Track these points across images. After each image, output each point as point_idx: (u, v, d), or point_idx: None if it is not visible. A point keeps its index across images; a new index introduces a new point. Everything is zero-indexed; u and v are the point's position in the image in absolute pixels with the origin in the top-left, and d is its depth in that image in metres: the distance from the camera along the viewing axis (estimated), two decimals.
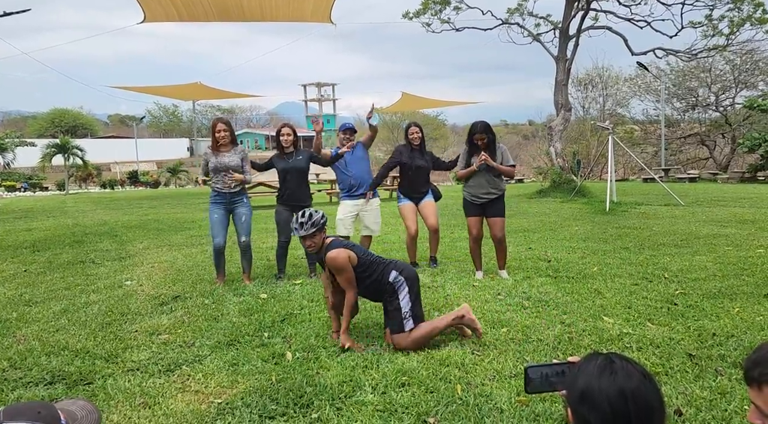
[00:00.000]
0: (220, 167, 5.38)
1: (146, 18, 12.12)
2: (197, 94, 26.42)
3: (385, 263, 3.75)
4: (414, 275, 3.75)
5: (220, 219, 5.45)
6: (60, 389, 3.11)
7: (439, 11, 18.26)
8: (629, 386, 1.17)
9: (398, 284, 3.63)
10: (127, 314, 4.60)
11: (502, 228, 5.44)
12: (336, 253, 3.59)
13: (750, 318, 3.96)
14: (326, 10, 12.30)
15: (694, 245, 6.89)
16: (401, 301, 3.60)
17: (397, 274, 3.66)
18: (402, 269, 3.71)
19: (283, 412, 2.77)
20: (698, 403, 2.71)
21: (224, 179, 5.39)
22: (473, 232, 5.50)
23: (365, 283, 3.70)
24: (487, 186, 5.35)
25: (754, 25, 16.52)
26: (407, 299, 3.61)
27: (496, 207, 5.40)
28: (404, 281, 3.64)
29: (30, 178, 32.93)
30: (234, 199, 5.49)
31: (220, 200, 5.46)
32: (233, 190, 5.45)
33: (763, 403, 1.21)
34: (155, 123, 69.35)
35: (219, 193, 5.45)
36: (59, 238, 9.22)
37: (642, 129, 31.78)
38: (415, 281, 3.71)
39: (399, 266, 3.72)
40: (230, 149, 5.44)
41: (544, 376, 1.44)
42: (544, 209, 11.68)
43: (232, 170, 5.37)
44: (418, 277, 3.79)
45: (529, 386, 1.46)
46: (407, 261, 6.11)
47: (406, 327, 3.54)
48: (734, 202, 11.90)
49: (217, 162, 5.37)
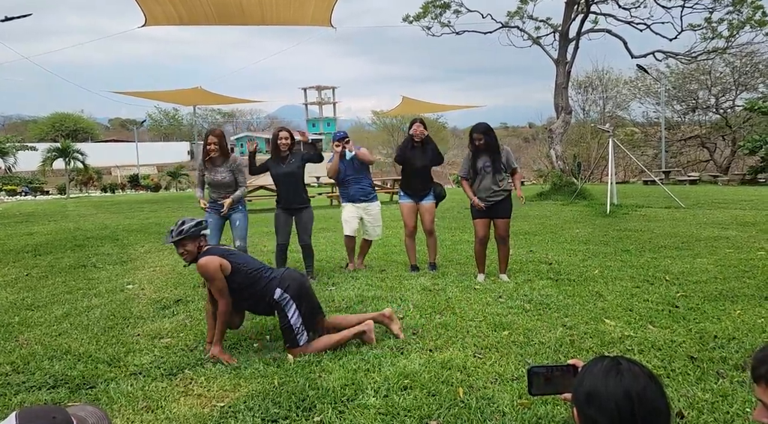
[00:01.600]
0: (213, 183, 5.50)
1: (147, 21, 12.15)
2: (198, 99, 26.45)
3: (268, 277, 3.64)
4: (300, 286, 3.65)
5: (215, 223, 5.49)
6: (63, 393, 3.12)
7: (439, 15, 18.31)
8: (636, 387, 1.18)
9: (284, 302, 3.55)
10: (129, 318, 4.61)
11: (507, 228, 5.48)
12: (206, 260, 3.51)
13: (751, 320, 3.96)
14: (326, 13, 12.32)
15: (695, 248, 6.90)
16: (291, 319, 3.53)
17: (282, 292, 3.56)
18: (287, 285, 3.60)
19: (285, 415, 2.77)
20: (700, 405, 2.71)
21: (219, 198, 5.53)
22: (480, 233, 5.49)
23: (243, 294, 3.61)
24: (493, 188, 5.36)
25: (753, 28, 16.56)
26: (296, 315, 3.54)
27: (503, 207, 5.42)
28: (290, 300, 3.55)
29: (31, 182, 32.99)
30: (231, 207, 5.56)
31: (218, 209, 5.54)
32: None
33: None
34: (156, 127, 69.46)
35: (216, 201, 5.56)
36: (60, 242, 9.23)
37: (642, 131, 31.80)
38: (303, 293, 3.63)
39: (284, 282, 3.62)
40: (222, 163, 5.48)
41: (547, 378, 1.44)
42: (544, 212, 11.68)
43: (224, 186, 5.47)
44: (305, 284, 3.71)
45: (533, 388, 1.47)
46: (407, 263, 6.11)
47: (300, 342, 3.52)
48: (735, 204, 11.90)
49: (210, 178, 5.49)
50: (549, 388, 1.46)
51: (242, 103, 45.45)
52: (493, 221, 5.47)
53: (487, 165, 5.37)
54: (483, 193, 5.40)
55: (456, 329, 3.96)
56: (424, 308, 4.50)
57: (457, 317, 4.23)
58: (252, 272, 3.64)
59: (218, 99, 27.41)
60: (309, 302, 3.68)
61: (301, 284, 3.69)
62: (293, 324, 3.53)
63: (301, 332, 3.54)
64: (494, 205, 5.40)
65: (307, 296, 3.69)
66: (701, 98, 29.49)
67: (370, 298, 4.86)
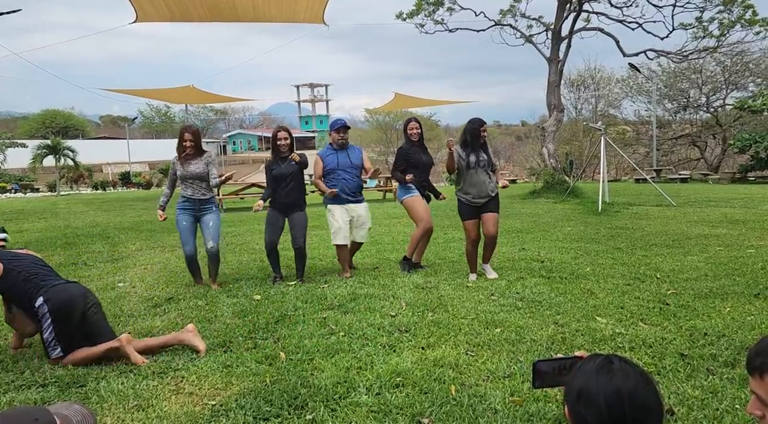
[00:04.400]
0: (186, 176, 5.37)
1: (138, 18, 12.07)
2: (190, 98, 26.24)
3: (40, 285, 3.49)
4: (64, 304, 3.47)
5: (188, 226, 5.42)
6: (52, 392, 3.09)
7: (432, 12, 18.31)
8: (626, 386, 1.18)
9: (42, 314, 3.46)
10: (120, 316, 4.58)
11: (496, 223, 5.42)
12: None
13: (741, 318, 4.00)
14: (319, 10, 12.29)
15: (685, 245, 6.95)
16: (44, 332, 3.46)
17: (42, 302, 3.43)
18: (50, 297, 3.44)
19: (277, 413, 2.76)
20: (690, 402, 2.73)
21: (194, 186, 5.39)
22: (472, 235, 5.44)
23: (15, 300, 3.60)
24: (486, 187, 5.34)
25: (744, 27, 16.70)
26: (50, 329, 3.44)
27: (492, 204, 5.40)
28: (47, 313, 3.44)
29: (21, 179, 32.66)
30: (203, 206, 5.44)
31: (189, 206, 5.43)
32: (203, 197, 5.42)
33: (765, 392, 1.23)
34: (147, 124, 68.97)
35: (188, 199, 5.42)
36: (51, 240, 9.16)
37: (634, 130, 31.95)
38: (66, 313, 3.47)
39: (49, 293, 3.46)
40: (196, 158, 5.41)
41: (555, 370, 1.43)
42: (537, 210, 11.72)
43: (198, 179, 5.36)
44: (74, 305, 3.51)
45: (537, 381, 1.45)
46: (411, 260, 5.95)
47: (51, 355, 3.47)
48: (725, 202, 12.00)
49: (183, 171, 5.38)
50: (554, 380, 1.45)
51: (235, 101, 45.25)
52: (482, 218, 5.39)
53: (483, 159, 5.33)
54: (476, 188, 5.33)
55: (448, 326, 3.97)
56: (416, 306, 4.50)
57: (449, 315, 4.24)
58: (27, 276, 3.52)
59: (210, 98, 27.21)
60: (74, 325, 3.51)
61: (68, 304, 3.49)
62: (45, 338, 3.47)
63: (53, 347, 3.46)
64: (489, 201, 5.37)
65: (71, 318, 3.50)
66: (692, 97, 29.67)
67: (362, 296, 4.86)
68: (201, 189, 5.41)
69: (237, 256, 7.33)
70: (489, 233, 5.39)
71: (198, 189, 5.40)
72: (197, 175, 5.36)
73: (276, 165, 5.55)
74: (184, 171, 5.38)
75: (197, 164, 5.37)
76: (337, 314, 4.38)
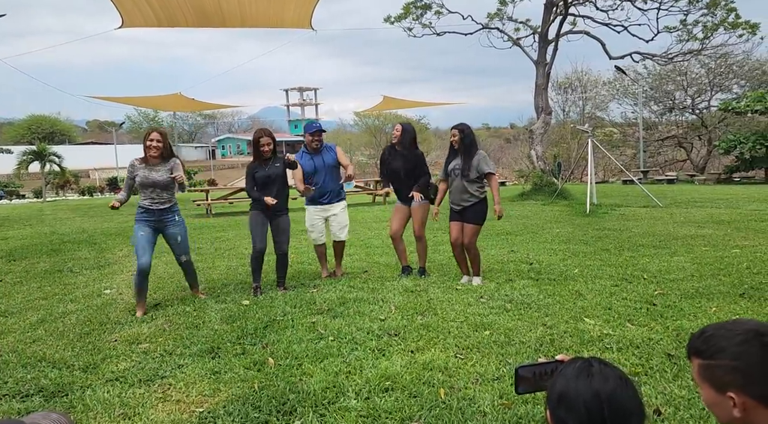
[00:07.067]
0: (147, 183, 4.84)
1: (124, 23, 11.98)
2: (177, 105, 26.05)
3: None
4: None
5: (147, 237, 4.87)
6: (37, 402, 3.05)
7: (420, 16, 18.40)
8: (605, 389, 1.19)
9: None
10: (107, 324, 4.53)
11: (471, 235, 5.31)
12: None
13: (727, 317, 4.03)
14: (306, 16, 12.27)
15: (672, 246, 7.01)
16: None
17: None
18: None
19: (265, 420, 2.75)
20: (677, 402, 2.75)
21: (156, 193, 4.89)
22: (452, 237, 5.45)
23: None
24: (461, 193, 5.30)
25: (727, 30, 16.93)
26: None
27: (472, 212, 5.31)
28: None
29: (6, 185, 32.27)
30: (164, 217, 4.94)
31: (148, 218, 4.90)
32: (162, 207, 4.91)
33: (693, 373, 1.33)
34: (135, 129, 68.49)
35: (146, 209, 4.89)
36: (36, 246, 9.05)
37: (621, 132, 32.22)
38: None
39: None
40: (161, 163, 4.91)
41: (536, 375, 1.43)
42: (525, 212, 11.78)
43: (161, 187, 4.86)
44: None
45: (520, 387, 1.45)
46: (391, 265, 6.02)
47: None
48: (711, 203, 12.13)
49: (144, 177, 4.83)
50: (536, 386, 1.45)
51: None
52: (463, 226, 5.38)
53: (456, 168, 5.33)
54: (454, 196, 5.37)
55: (437, 329, 3.97)
56: (405, 309, 4.50)
57: (438, 318, 4.24)
58: None
59: (198, 105, 26.96)
60: None
61: None
62: None
63: None
64: (464, 209, 5.32)
65: None
66: (678, 99, 30.00)
67: (351, 300, 4.85)
68: (161, 199, 4.91)
69: (226, 261, 7.28)
70: (463, 242, 5.38)
71: (158, 199, 4.90)
72: (160, 184, 4.85)
73: (260, 168, 5.37)
74: (145, 178, 4.84)
75: (160, 171, 4.86)
76: (326, 318, 4.36)
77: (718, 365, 1.25)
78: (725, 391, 1.24)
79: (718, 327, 1.31)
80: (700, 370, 1.30)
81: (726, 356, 1.24)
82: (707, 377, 1.28)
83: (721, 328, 1.30)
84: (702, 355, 1.29)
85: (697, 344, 1.31)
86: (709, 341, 1.28)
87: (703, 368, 1.29)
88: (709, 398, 1.29)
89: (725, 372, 1.24)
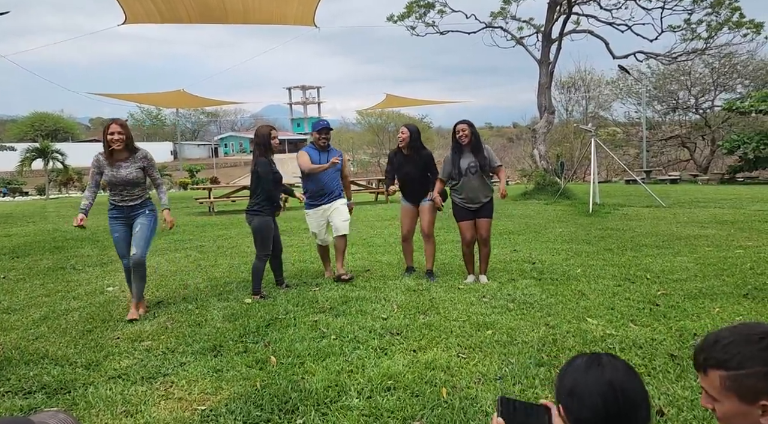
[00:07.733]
0: (116, 181, 4.59)
1: (127, 19, 11.99)
2: (180, 102, 26.09)
3: None
4: None
5: (122, 237, 4.73)
6: (39, 399, 3.06)
7: (423, 15, 18.38)
8: (618, 378, 1.20)
9: None
10: (109, 321, 4.54)
11: (488, 229, 5.46)
12: None
13: (730, 318, 4.02)
14: (309, 13, 12.27)
15: (675, 246, 6.99)
16: None
17: None
18: None
19: (267, 418, 2.74)
20: (680, 403, 2.74)
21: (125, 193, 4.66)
22: (466, 236, 5.44)
23: None
24: (481, 189, 5.34)
25: (731, 29, 16.86)
26: None
27: (486, 208, 5.42)
28: None
29: (9, 182, 32.37)
30: (134, 213, 4.72)
31: (118, 215, 4.70)
32: (133, 203, 4.70)
33: (709, 386, 1.25)
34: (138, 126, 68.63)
35: (116, 206, 4.69)
36: (39, 244, 9.07)
37: (624, 131, 32.19)
38: None
39: None
40: (127, 158, 4.63)
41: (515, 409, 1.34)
42: (528, 211, 11.76)
43: (131, 185, 4.64)
44: None
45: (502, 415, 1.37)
46: (392, 264, 6.02)
47: None
48: (714, 203, 12.09)
49: (112, 175, 4.57)
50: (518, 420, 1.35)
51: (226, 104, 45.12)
52: (476, 221, 5.45)
53: (473, 165, 5.28)
54: (470, 193, 5.33)
55: (440, 329, 3.96)
56: (408, 309, 4.49)
57: (441, 317, 4.23)
58: None
59: (201, 102, 27.07)
60: None
61: None
62: None
63: None
64: (483, 205, 5.39)
65: None
66: (681, 99, 29.95)
67: (353, 299, 4.84)
68: (131, 196, 4.68)
69: (228, 259, 7.28)
70: (481, 236, 5.44)
71: (128, 196, 4.67)
72: (129, 181, 4.61)
73: (271, 164, 5.18)
74: (113, 177, 4.58)
75: (129, 168, 4.60)
76: (328, 317, 4.36)
77: (748, 374, 1.16)
78: (757, 400, 1.15)
79: (730, 334, 1.22)
80: (726, 382, 1.19)
81: (756, 363, 1.15)
82: (734, 388, 1.18)
83: (735, 334, 1.21)
84: (726, 366, 1.19)
85: (717, 354, 1.21)
86: (730, 350, 1.19)
87: (731, 379, 1.18)
88: (732, 410, 1.19)
89: (758, 380, 1.15)
